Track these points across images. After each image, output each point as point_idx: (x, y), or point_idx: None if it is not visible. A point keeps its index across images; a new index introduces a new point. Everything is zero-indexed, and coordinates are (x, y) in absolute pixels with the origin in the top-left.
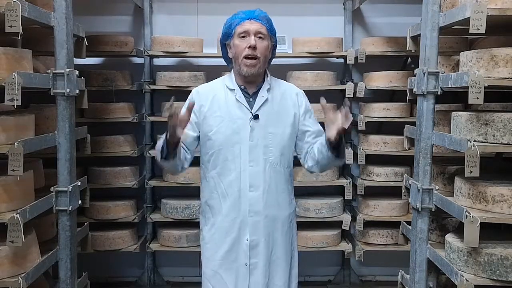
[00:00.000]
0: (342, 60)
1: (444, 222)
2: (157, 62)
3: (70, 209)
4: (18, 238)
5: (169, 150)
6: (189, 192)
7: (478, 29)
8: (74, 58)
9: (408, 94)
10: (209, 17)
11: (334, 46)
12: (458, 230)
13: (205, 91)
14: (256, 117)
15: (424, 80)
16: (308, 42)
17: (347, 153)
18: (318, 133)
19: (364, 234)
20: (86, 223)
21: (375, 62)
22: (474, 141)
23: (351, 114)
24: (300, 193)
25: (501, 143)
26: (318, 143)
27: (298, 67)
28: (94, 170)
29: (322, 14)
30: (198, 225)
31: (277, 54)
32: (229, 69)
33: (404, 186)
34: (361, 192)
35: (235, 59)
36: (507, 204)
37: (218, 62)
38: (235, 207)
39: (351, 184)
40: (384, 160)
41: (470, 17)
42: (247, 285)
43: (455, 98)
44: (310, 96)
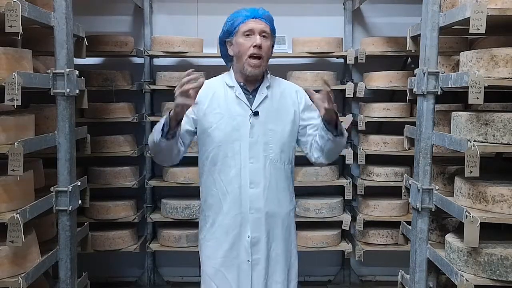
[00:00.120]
0: (342, 60)
1: (444, 222)
2: (157, 62)
3: (70, 209)
4: (18, 238)
5: (171, 126)
6: (189, 192)
7: (478, 29)
8: (74, 58)
9: (408, 94)
10: (209, 17)
11: (334, 46)
12: (458, 230)
13: (204, 88)
14: (256, 113)
15: (424, 80)
16: (308, 42)
17: (347, 153)
18: (319, 125)
19: (364, 234)
20: (86, 223)
21: (375, 62)
22: (474, 141)
23: (331, 91)
24: (300, 193)
25: (501, 143)
26: (319, 130)
27: (298, 67)
28: (94, 170)
29: (322, 14)
30: (198, 225)
31: (277, 54)
32: (227, 67)
33: (404, 186)
34: (361, 192)
35: (238, 58)
36: (507, 204)
37: (218, 62)
38: (236, 204)
39: (351, 184)
40: (384, 160)
41: (470, 17)
42: (250, 281)
43: (455, 98)
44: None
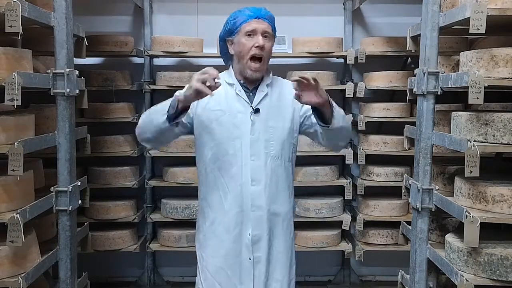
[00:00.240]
0: (342, 60)
1: (444, 222)
2: (157, 62)
3: (70, 209)
4: (18, 238)
5: (177, 109)
6: (189, 192)
7: (478, 29)
8: (74, 58)
9: (408, 94)
10: (209, 17)
11: (334, 46)
12: (458, 230)
13: None
14: (256, 110)
15: (424, 80)
16: (308, 42)
17: (347, 153)
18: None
19: (364, 234)
20: (86, 223)
21: (375, 62)
22: (474, 141)
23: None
24: (300, 193)
25: (501, 143)
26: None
27: (298, 67)
28: (94, 170)
29: (322, 14)
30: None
31: (277, 54)
32: (226, 65)
33: (404, 186)
34: (361, 192)
35: (239, 57)
36: (507, 204)
37: (218, 62)
38: (237, 202)
39: (351, 184)
40: (384, 160)
41: (470, 17)
42: (252, 279)
43: (455, 98)
44: None
